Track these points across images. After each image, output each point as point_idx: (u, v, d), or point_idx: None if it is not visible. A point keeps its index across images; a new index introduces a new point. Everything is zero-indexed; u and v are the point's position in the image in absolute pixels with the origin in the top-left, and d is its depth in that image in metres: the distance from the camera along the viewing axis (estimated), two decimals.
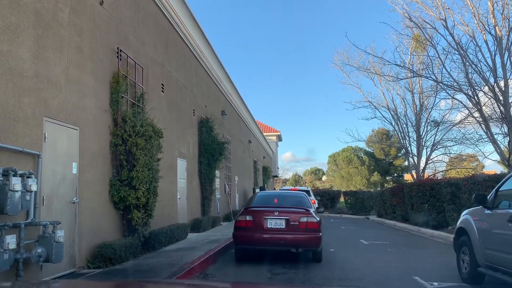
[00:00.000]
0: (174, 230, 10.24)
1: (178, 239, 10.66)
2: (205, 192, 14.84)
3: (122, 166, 8.01)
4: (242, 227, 8.26)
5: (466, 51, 12.87)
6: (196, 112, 14.50)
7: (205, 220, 13.68)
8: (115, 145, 7.95)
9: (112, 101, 7.99)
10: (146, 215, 8.43)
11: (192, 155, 13.88)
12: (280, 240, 8.00)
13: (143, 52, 9.80)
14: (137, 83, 9.17)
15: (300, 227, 8.01)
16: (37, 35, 5.84)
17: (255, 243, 8.17)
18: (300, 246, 8.08)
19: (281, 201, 9.17)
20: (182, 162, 12.68)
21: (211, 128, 15.36)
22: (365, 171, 63.49)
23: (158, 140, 9.09)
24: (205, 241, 10.81)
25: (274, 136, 51.51)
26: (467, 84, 13.64)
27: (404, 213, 20.15)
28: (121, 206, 7.99)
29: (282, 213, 8.18)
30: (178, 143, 12.29)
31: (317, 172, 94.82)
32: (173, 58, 12.20)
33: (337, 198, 34.98)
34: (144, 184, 8.17)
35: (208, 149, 14.88)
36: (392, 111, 21.09)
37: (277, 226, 8.08)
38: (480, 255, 6.22)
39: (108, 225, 7.73)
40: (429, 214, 16.24)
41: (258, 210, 8.40)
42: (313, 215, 8.33)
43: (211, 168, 15.09)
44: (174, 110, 12.02)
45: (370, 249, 10.87)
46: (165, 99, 11.22)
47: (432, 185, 16.11)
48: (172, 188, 11.53)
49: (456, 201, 14.02)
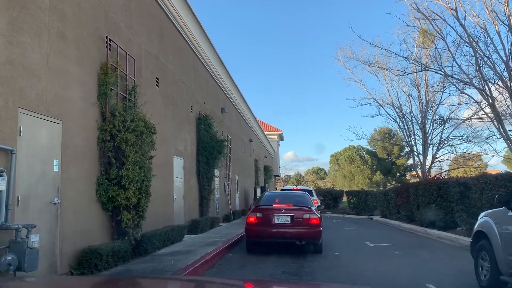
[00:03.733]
0: (169, 232, 9.66)
1: (174, 242, 10.08)
2: (203, 192, 14.25)
3: (110, 164, 7.42)
4: (253, 222, 9.44)
5: (477, 43, 12.17)
6: (194, 108, 13.91)
7: (203, 221, 13.10)
8: (103, 141, 7.37)
9: (100, 94, 7.40)
10: (138, 216, 7.84)
11: (189, 153, 13.29)
12: (286, 234, 9.27)
13: (135, 42, 9.21)
14: (129, 75, 8.58)
15: (303, 222, 9.22)
16: (10, 17, 5.26)
17: (264, 236, 9.42)
18: (303, 239, 9.25)
19: (286, 200, 10.13)
20: (179, 160, 12.10)
21: (209, 125, 14.77)
22: (367, 170, 62.92)
23: (151, 137, 8.50)
24: (202, 243, 10.22)
25: (276, 135, 50.89)
26: (478, 78, 12.95)
27: (409, 213, 19.53)
28: (109, 207, 7.40)
29: (288, 211, 9.38)
30: (174, 140, 11.70)
31: (319, 171, 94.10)
32: (169, 51, 11.61)
33: (339, 198, 34.32)
34: (134, 183, 7.58)
35: (207, 147, 14.29)
36: (397, 108, 20.47)
37: (284, 222, 9.30)
38: (502, 262, 5.61)
39: (94, 228, 7.15)
40: (436, 214, 15.61)
41: (267, 208, 9.63)
42: (315, 212, 9.44)
43: (209, 167, 14.50)
44: (170, 105, 11.44)
45: (376, 252, 10.27)
46: (160, 93, 10.64)
47: (440, 185, 15.47)
48: (167, 188, 10.95)
49: (465, 201, 13.40)
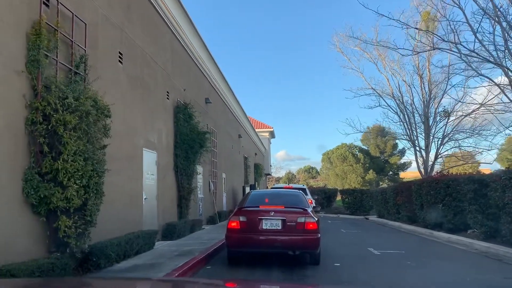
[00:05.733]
0: (132, 240, 7.87)
1: (140, 252, 8.29)
2: (182, 191, 12.45)
3: (43, 154, 5.62)
4: (235, 228, 7.66)
5: (505, 16, 10.32)
6: (171, 95, 12.11)
7: (180, 224, 11.30)
8: (33, 123, 5.56)
9: (30, 61, 5.59)
10: (83, 222, 6.03)
11: (165, 146, 11.49)
12: (276, 242, 7.54)
13: (89, 5, 7.39)
14: (77, 42, 6.76)
15: (297, 228, 7.51)
16: None
17: (249, 245, 7.68)
18: (298, 248, 7.65)
19: (276, 200, 8.45)
20: (151, 154, 10.29)
21: (190, 116, 12.97)
22: (360, 169, 61.70)
23: (104, 120, 6.70)
24: (174, 253, 8.44)
25: (267, 132, 49.13)
26: (506, 57, 11.13)
27: (411, 213, 17.92)
28: (42, 211, 5.58)
29: (278, 213, 7.65)
30: (144, 130, 9.90)
31: (310, 170, 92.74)
32: (138, 24, 9.80)
33: (333, 197, 32.71)
34: (77, 179, 5.78)
35: (186, 139, 12.49)
36: (398, 99, 18.77)
37: (273, 227, 7.57)
38: None
39: (18, 240, 5.34)
40: (444, 215, 14.01)
41: (252, 210, 7.86)
42: (311, 215, 7.74)
43: (189, 163, 12.70)
44: (139, 88, 9.63)
45: (385, 262, 8.58)
46: (124, 72, 8.83)
47: (448, 182, 13.85)
48: (134, 186, 9.15)
49: (480, 201, 11.78)
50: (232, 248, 7.81)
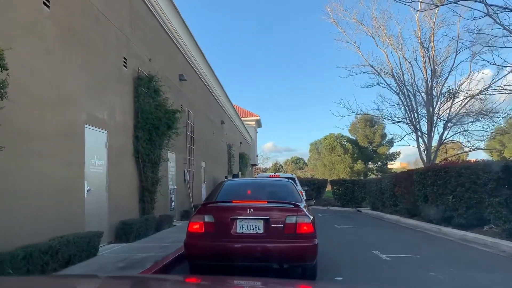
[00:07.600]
0: (56, 248, 5.66)
1: (71, 262, 6.08)
2: (145, 182, 10.21)
3: None
4: (198, 233, 5.47)
5: None
6: (129, 63, 9.81)
7: (139, 223, 9.10)
8: None
9: None
10: None
11: (120, 124, 9.23)
12: (256, 252, 5.32)
13: None
14: None
15: (286, 231, 5.34)
16: None
17: (217, 257, 5.42)
18: (287, 260, 5.41)
19: (258, 192, 6.38)
20: (98, 134, 8.04)
21: (156, 90, 10.70)
22: (348, 159, 60.34)
23: None
24: (120, 263, 6.25)
25: (253, 121, 46.99)
26: None
27: (411, 206, 16.00)
28: None
29: (259, 211, 5.45)
30: (87, 101, 7.62)
31: (298, 161, 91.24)
32: None
33: (323, 188, 30.79)
34: None
35: (150, 118, 10.22)
36: (398, 78, 16.69)
37: (251, 231, 5.38)
38: None
39: None
40: (454, 208, 12.10)
41: (222, 207, 5.76)
42: (305, 212, 5.54)
43: (154, 147, 10.46)
44: (78, 45, 7.32)
45: (401, 274, 6.53)
46: (53, 20, 6.52)
47: (461, 170, 11.91)
48: (70, 174, 6.90)
49: (503, 192, 9.84)
50: (193, 261, 5.65)
